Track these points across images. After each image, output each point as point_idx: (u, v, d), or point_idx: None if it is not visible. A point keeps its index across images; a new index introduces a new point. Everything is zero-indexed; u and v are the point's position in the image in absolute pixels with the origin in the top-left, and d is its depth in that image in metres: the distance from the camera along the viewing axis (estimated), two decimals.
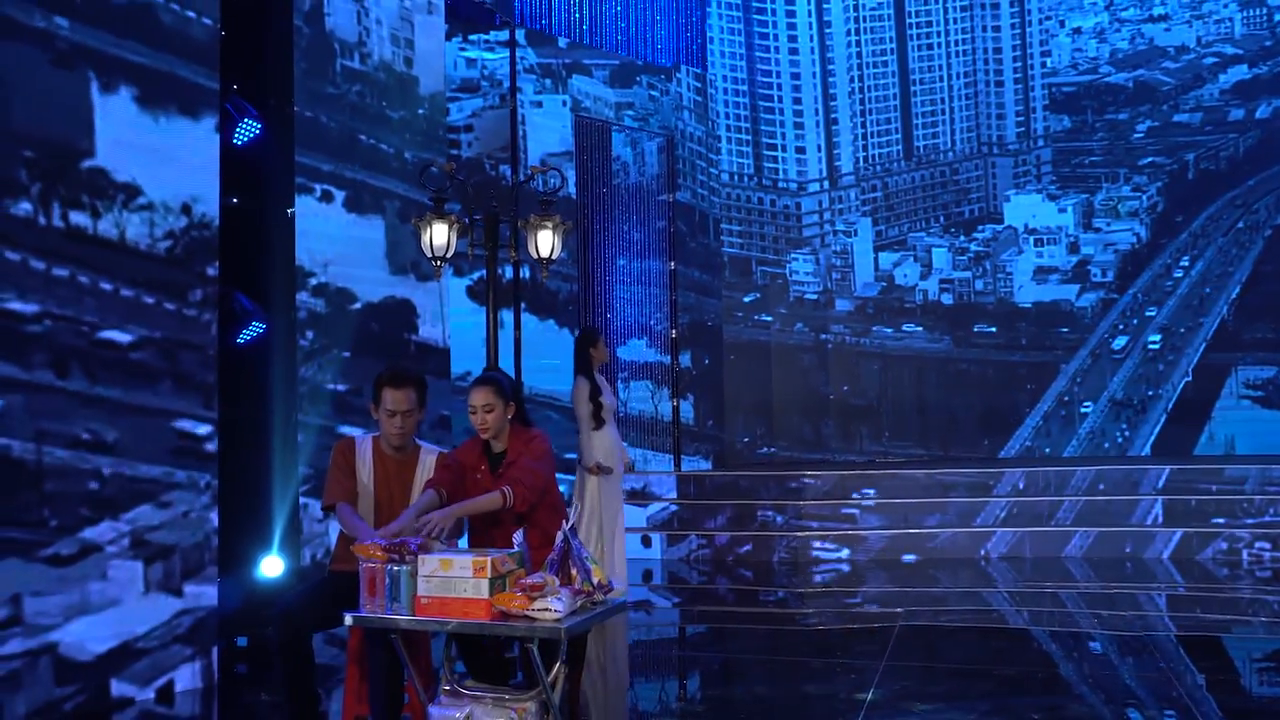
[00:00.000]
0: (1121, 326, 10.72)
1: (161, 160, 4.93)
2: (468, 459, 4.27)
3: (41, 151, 4.52)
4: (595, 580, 3.81)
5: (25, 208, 4.44)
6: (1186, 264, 10.68)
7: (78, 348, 4.59)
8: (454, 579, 3.62)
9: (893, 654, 5.59)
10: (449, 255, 5.58)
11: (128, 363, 4.73)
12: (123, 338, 4.74)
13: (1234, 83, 10.60)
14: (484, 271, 6.91)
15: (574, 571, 3.80)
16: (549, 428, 8.80)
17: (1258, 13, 10.48)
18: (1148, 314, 10.68)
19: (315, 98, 6.63)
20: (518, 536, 3.94)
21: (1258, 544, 8.09)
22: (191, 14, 5.11)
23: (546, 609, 3.56)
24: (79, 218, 4.61)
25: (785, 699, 5.15)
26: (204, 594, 4.98)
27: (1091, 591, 7.46)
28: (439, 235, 5.43)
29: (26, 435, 4.38)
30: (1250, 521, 8.34)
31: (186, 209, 5.03)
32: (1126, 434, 10.57)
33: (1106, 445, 10.60)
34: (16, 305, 4.40)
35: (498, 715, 3.78)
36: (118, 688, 4.70)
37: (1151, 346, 10.67)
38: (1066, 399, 10.68)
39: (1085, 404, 10.67)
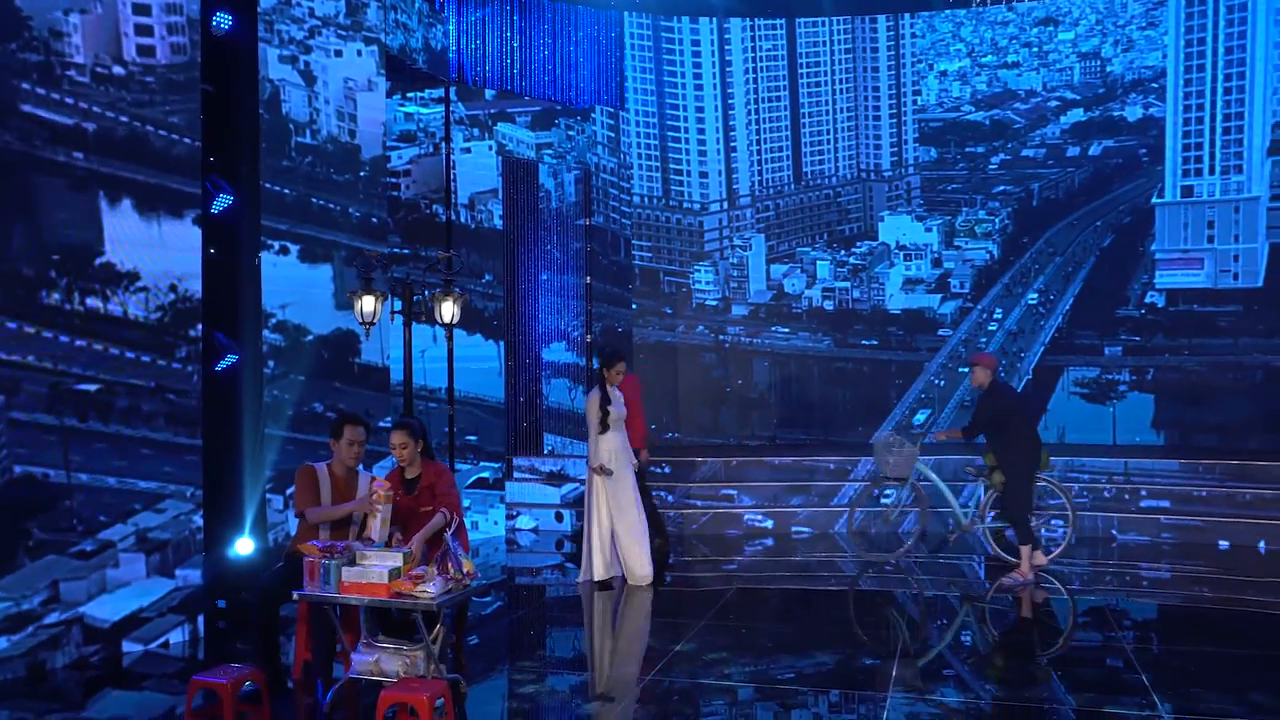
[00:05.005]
0: (977, 333, 12.48)
1: (154, 251, 6.56)
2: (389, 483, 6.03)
3: (65, 254, 6.15)
4: (465, 570, 5.59)
5: (56, 297, 6.09)
6: (1030, 279, 12.44)
7: (94, 398, 6.26)
8: (366, 569, 5.39)
9: (717, 614, 7.35)
10: (375, 320, 7.26)
11: (131, 406, 6.40)
12: (128, 388, 6.40)
13: (1072, 124, 12.26)
14: (418, 295, 8.53)
15: (449, 565, 5.57)
16: (473, 419, 10.58)
17: (1093, 64, 12.10)
18: (992, 322, 12.43)
19: (275, 171, 8.21)
20: (449, 535, 5.71)
21: (1053, 522, 9.92)
22: (176, 136, 6.70)
23: (425, 591, 5.32)
24: (93, 301, 6.26)
25: (605, 648, 6.86)
26: (190, 576, 6.71)
27: (906, 561, 9.25)
28: (367, 305, 7.13)
29: (59, 464, 6.07)
30: (1052, 503, 10.14)
31: (174, 287, 6.67)
32: None
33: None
34: (49, 369, 6.06)
35: (396, 660, 5.59)
36: (128, 645, 6.42)
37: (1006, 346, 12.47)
38: (924, 396, 12.48)
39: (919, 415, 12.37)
